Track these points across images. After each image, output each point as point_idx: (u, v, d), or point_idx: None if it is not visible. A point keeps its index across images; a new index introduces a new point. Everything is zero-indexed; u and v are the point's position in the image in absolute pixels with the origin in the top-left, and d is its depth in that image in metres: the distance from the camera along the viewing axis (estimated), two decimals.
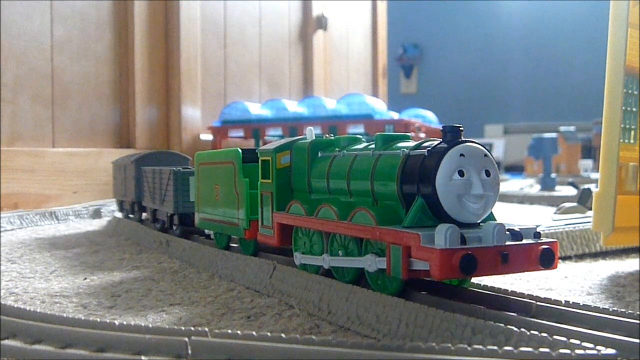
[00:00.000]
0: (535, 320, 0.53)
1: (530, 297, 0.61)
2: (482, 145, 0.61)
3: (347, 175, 0.70)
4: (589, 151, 3.64)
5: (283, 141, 0.83)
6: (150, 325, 0.54)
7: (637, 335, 0.49)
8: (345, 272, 0.70)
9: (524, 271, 0.57)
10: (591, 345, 0.46)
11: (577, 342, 0.47)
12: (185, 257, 1.02)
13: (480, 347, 0.44)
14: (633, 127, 0.89)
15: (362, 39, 4.13)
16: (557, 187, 2.53)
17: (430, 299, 0.62)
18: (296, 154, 0.80)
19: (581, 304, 0.58)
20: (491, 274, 0.56)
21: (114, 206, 1.85)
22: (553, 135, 2.68)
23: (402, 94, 6.12)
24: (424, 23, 6.16)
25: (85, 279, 0.91)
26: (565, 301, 0.59)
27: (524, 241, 0.57)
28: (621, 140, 0.86)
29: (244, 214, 0.87)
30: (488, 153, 0.61)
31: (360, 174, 0.68)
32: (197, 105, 2.61)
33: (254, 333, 0.49)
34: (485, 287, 0.66)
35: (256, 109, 2.55)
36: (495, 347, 0.44)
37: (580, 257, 1.05)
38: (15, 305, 0.63)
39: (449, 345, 0.45)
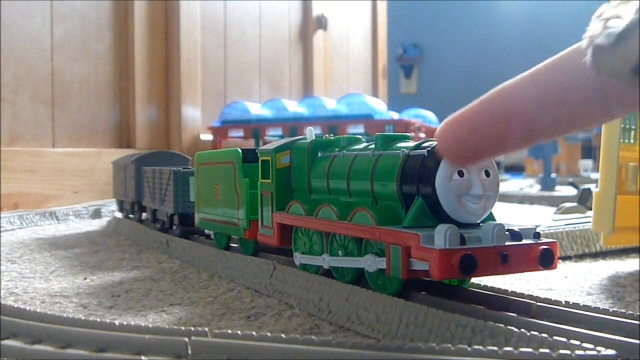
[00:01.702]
0: (536, 320, 0.53)
1: (531, 297, 0.61)
2: None
3: (347, 175, 0.70)
4: (589, 151, 3.64)
5: (283, 141, 0.83)
6: (150, 325, 0.54)
7: (637, 336, 0.49)
8: (345, 272, 0.70)
9: (523, 271, 0.57)
10: (591, 346, 0.46)
11: (577, 342, 0.47)
12: (185, 257, 1.02)
13: (480, 347, 0.44)
14: (633, 127, 0.89)
15: (362, 39, 4.13)
16: (557, 187, 2.53)
17: (430, 299, 0.62)
18: (296, 154, 0.80)
19: (581, 304, 0.58)
20: (491, 274, 0.56)
21: (114, 206, 1.85)
22: None
23: (402, 94, 6.12)
24: (424, 23, 6.16)
25: (85, 279, 0.91)
26: (565, 301, 0.59)
27: (524, 241, 0.57)
28: (621, 140, 0.86)
29: (243, 214, 0.87)
30: None
31: (360, 174, 0.68)
32: (197, 105, 2.61)
33: (254, 333, 0.49)
34: (485, 287, 0.66)
35: (256, 109, 2.55)
36: (495, 348, 0.44)
37: (580, 257, 1.05)
38: (15, 305, 0.63)
39: (449, 345, 0.45)
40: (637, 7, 0.38)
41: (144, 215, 1.43)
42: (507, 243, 0.56)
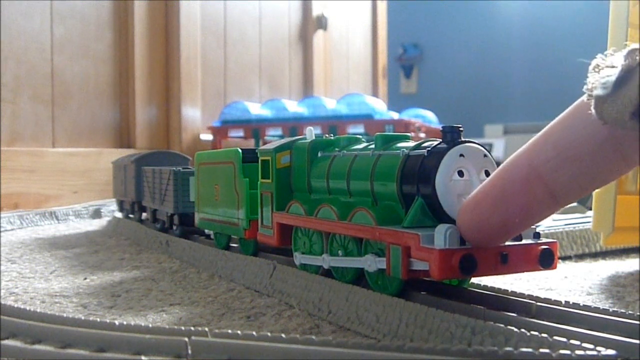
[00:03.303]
0: (536, 320, 0.53)
1: (531, 297, 0.61)
2: (481, 146, 0.61)
3: (347, 175, 0.70)
4: None
5: (283, 141, 0.83)
6: (150, 325, 0.54)
7: (637, 336, 0.49)
8: (345, 272, 0.70)
9: (523, 271, 0.57)
10: (591, 346, 0.46)
11: (577, 342, 0.47)
12: (185, 257, 1.02)
13: (481, 347, 0.44)
14: None
15: (362, 39, 4.13)
16: None
17: (430, 299, 0.61)
18: (296, 154, 0.80)
19: (581, 304, 0.58)
20: (491, 274, 0.56)
21: (114, 206, 1.85)
22: None
23: (402, 94, 6.12)
24: (424, 23, 6.16)
25: (85, 279, 0.91)
26: (565, 301, 0.59)
27: (524, 241, 0.57)
28: None
29: (243, 214, 0.87)
30: (488, 153, 0.61)
31: (360, 174, 0.68)
32: (197, 105, 2.61)
33: (254, 333, 0.49)
34: (485, 287, 0.66)
35: (256, 109, 2.55)
36: (495, 348, 0.44)
37: (580, 257, 1.05)
38: (15, 305, 0.63)
39: (449, 345, 0.45)
40: (625, 54, 0.38)
41: (144, 215, 1.43)
42: (507, 243, 0.56)
